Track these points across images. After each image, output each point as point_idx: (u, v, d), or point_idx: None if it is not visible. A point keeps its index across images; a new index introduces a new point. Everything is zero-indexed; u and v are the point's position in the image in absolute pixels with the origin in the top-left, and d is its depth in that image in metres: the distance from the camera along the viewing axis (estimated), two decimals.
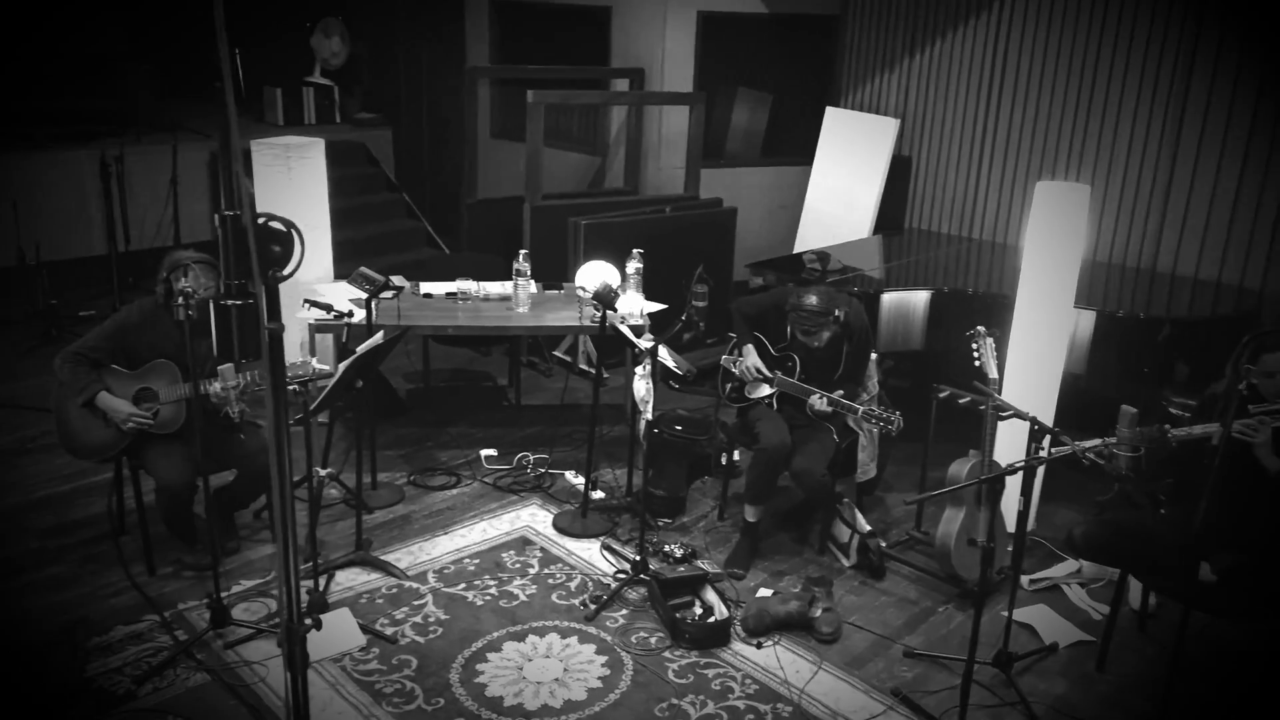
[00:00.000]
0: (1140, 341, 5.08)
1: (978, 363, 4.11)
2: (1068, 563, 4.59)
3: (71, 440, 4.07)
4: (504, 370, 6.61)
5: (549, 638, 3.94)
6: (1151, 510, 3.87)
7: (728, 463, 5.02)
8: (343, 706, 3.48)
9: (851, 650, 3.95)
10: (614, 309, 4.65)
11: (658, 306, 5.47)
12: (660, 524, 4.82)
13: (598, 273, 5.17)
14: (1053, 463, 3.64)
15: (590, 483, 4.89)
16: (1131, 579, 3.98)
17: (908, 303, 5.30)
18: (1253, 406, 3.42)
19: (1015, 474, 3.42)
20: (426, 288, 5.52)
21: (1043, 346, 4.60)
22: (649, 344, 4.37)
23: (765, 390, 4.54)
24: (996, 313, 4.93)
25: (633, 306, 5.23)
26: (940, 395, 4.48)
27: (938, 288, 5.36)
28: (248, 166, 6.58)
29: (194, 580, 4.16)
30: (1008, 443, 4.31)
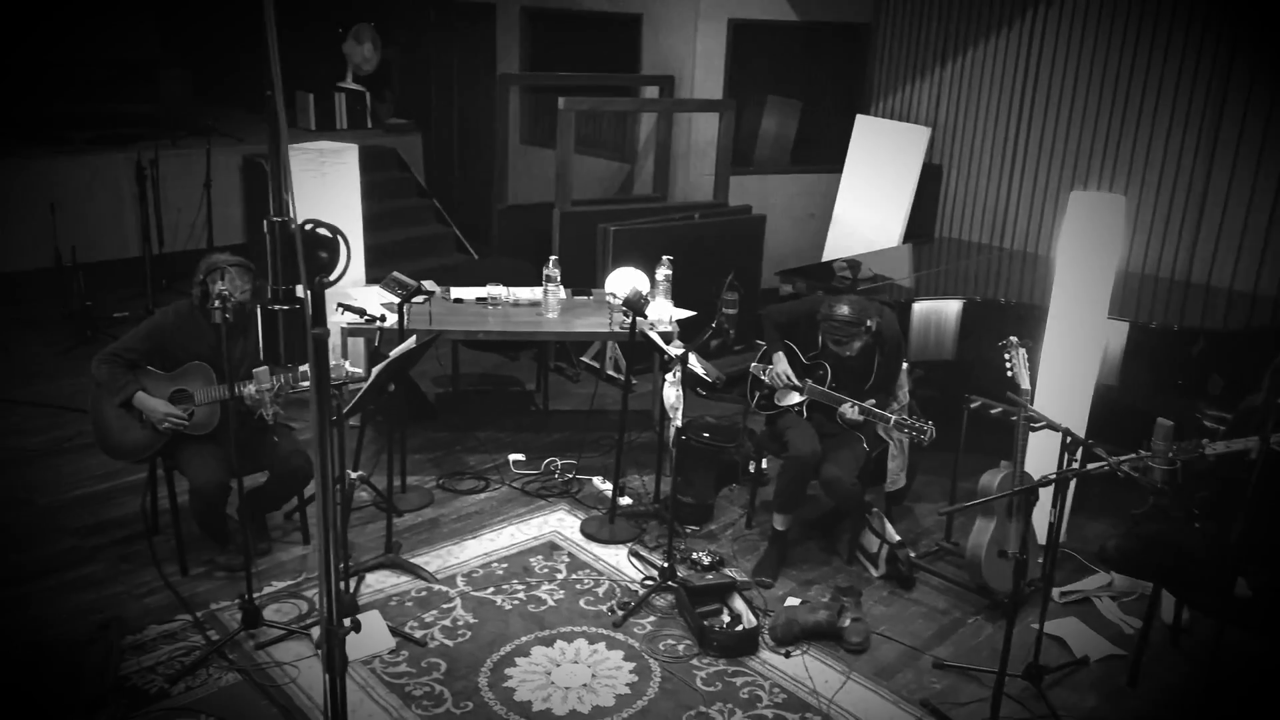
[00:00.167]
0: (1174, 353, 5.03)
1: (1010, 373, 4.09)
2: (1099, 575, 4.55)
3: (108, 441, 4.12)
4: (532, 375, 6.63)
5: (577, 643, 3.94)
6: (1186, 524, 3.83)
7: (756, 470, 5.01)
8: (373, 709, 3.49)
9: (880, 660, 3.94)
10: (644, 315, 4.66)
11: (686, 313, 5.48)
12: (688, 531, 4.82)
13: (628, 279, 5.18)
14: (1085, 475, 3.62)
15: (618, 489, 4.89)
16: (1165, 593, 3.95)
17: (939, 312, 5.28)
18: None
19: (1050, 486, 3.40)
20: (457, 293, 5.55)
21: (1075, 358, 4.57)
22: (679, 351, 4.37)
23: (795, 398, 4.54)
24: (1029, 323, 4.90)
25: (662, 313, 5.23)
26: (972, 405, 4.46)
27: (970, 297, 5.34)
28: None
29: (226, 581, 4.20)
30: (1038, 454, 4.28)
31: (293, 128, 9.24)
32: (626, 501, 5.00)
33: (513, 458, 5.47)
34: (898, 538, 4.48)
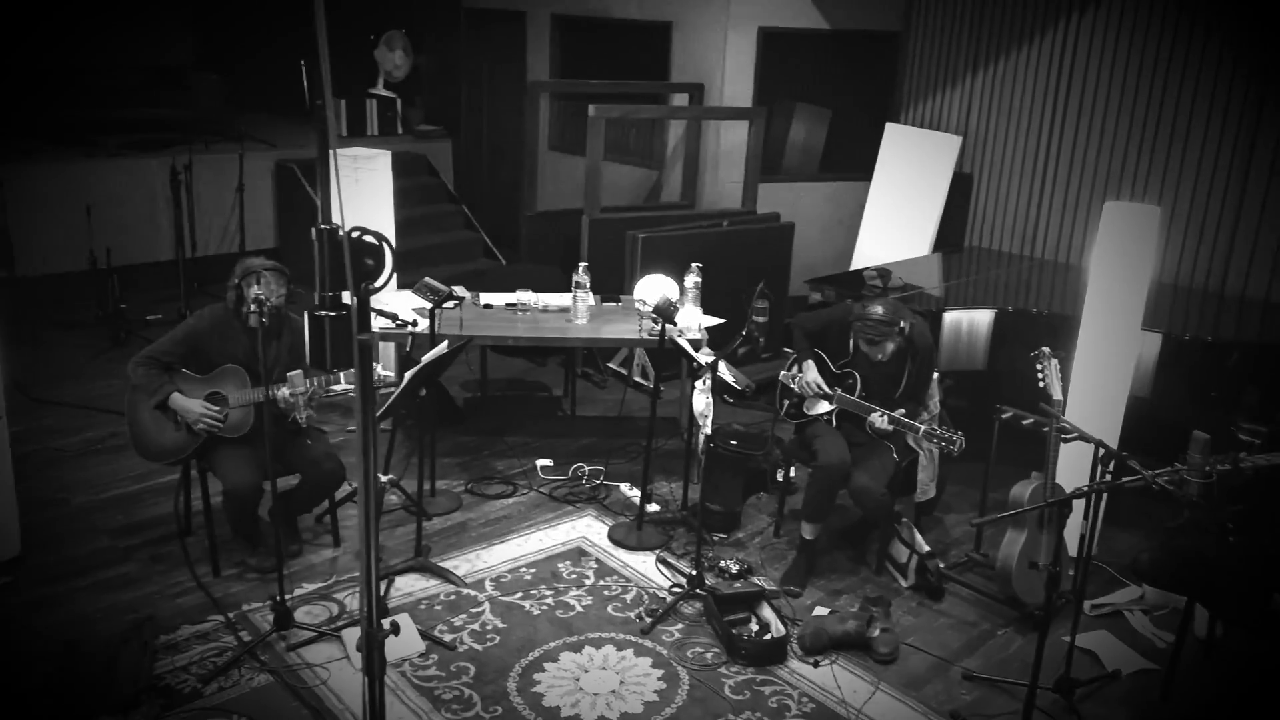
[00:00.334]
0: (1208, 365, 4.98)
1: (1042, 384, 4.07)
2: (1130, 589, 4.52)
3: (144, 442, 4.17)
4: (559, 381, 6.65)
5: (605, 649, 3.95)
6: (1220, 538, 3.79)
7: (784, 479, 5.00)
8: (403, 712, 3.51)
9: (909, 671, 3.92)
10: (673, 323, 4.66)
11: (715, 321, 5.48)
12: (716, 539, 4.82)
13: (657, 286, 5.19)
14: (1121, 488, 3.59)
15: (646, 495, 4.90)
16: (1198, 607, 3.91)
17: (971, 321, 5.25)
18: None
19: (1084, 498, 3.38)
20: (487, 298, 5.58)
21: (1108, 369, 4.54)
22: (709, 358, 4.38)
23: (824, 407, 4.53)
24: (1060, 333, 4.87)
25: (691, 320, 5.24)
26: (1003, 416, 4.44)
27: (1002, 307, 5.31)
28: (317, 175, 6.74)
29: (257, 582, 4.24)
30: (1068, 465, 4.25)
31: None
32: (654, 508, 5.00)
33: (540, 463, 5.49)
34: (927, 548, 4.46)
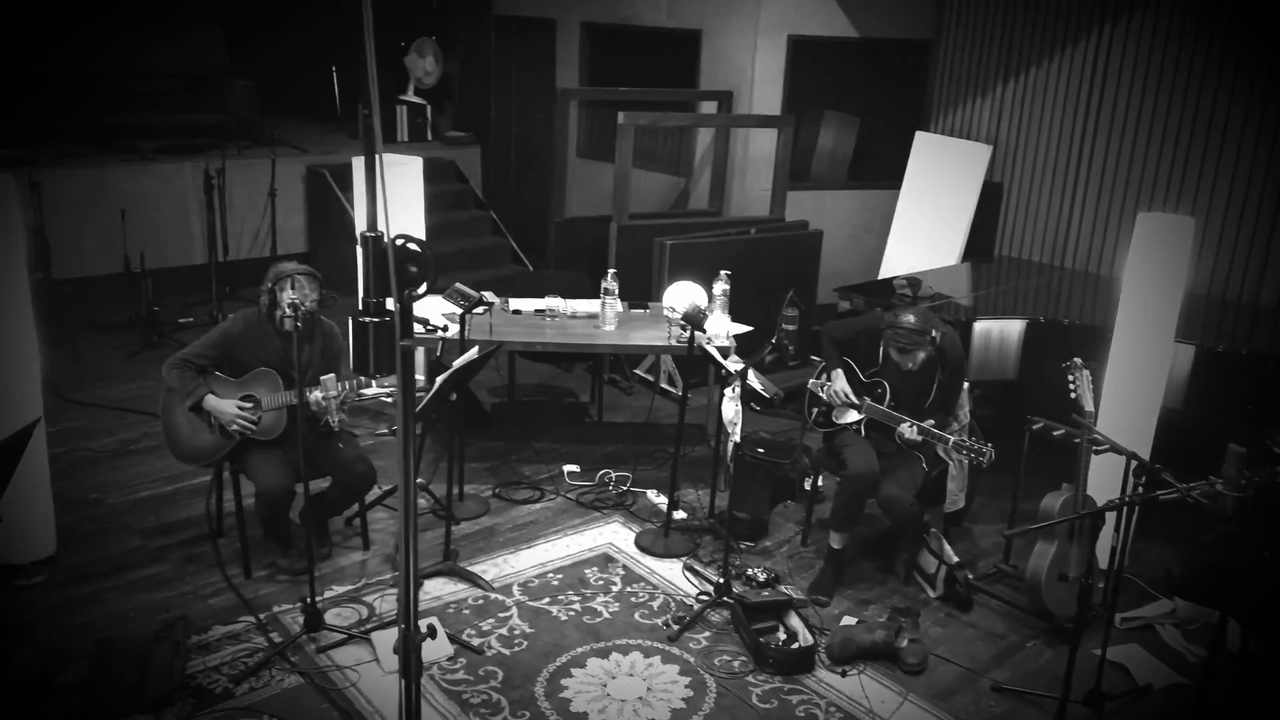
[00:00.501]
0: (1242, 378, 4.93)
1: (1074, 394, 4.04)
2: (1161, 602, 4.48)
3: (178, 445, 4.21)
4: (585, 387, 6.66)
5: (632, 656, 3.95)
6: (1255, 552, 3.75)
7: (812, 488, 4.99)
8: (431, 715, 3.53)
9: (938, 683, 3.90)
10: (702, 330, 4.67)
11: (744, 328, 5.48)
12: (743, 547, 4.82)
13: (686, 293, 5.20)
14: (1155, 500, 3.56)
15: (673, 502, 4.90)
16: (1231, 621, 3.86)
17: (1002, 331, 5.23)
18: None
19: (1117, 510, 3.35)
20: (515, 304, 5.60)
21: (1140, 380, 4.51)
22: (738, 366, 4.38)
23: (853, 416, 4.52)
24: (1092, 344, 4.84)
25: (719, 328, 5.24)
26: (1034, 427, 4.41)
27: (1033, 317, 5.28)
28: (349, 181, 6.80)
29: (288, 584, 4.27)
30: (1099, 476, 4.23)
31: (355, 139, 9.40)
32: (681, 515, 5.00)
33: (567, 469, 5.50)
34: (956, 559, 4.44)
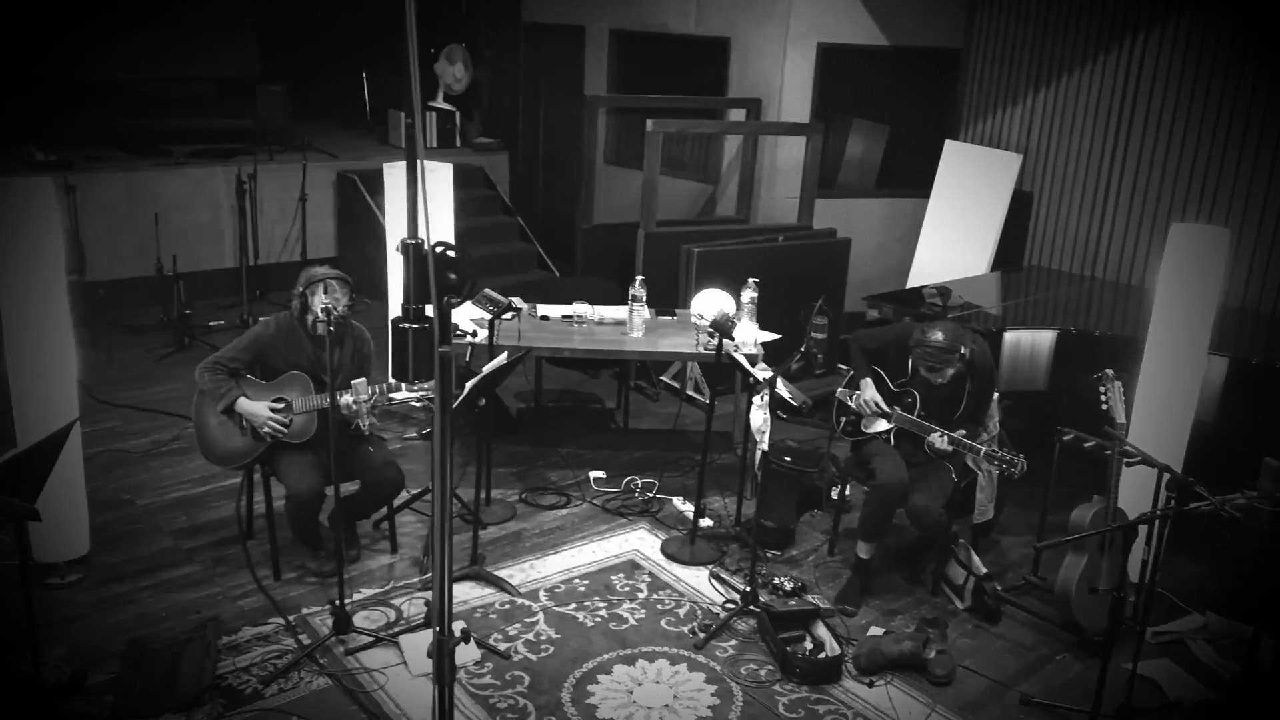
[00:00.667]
0: (1276, 391, 4.88)
1: (1105, 406, 4.02)
2: (1193, 616, 4.43)
3: (211, 448, 4.25)
4: (611, 393, 6.67)
5: (658, 663, 3.95)
6: None
7: (839, 497, 4.97)
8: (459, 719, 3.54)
9: (966, 695, 3.88)
10: (731, 338, 4.67)
11: (771, 336, 5.47)
12: (769, 555, 4.81)
13: (715, 301, 5.20)
14: (1189, 514, 3.53)
15: (699, 510, 4.90)
16: (1265, 636, 3.82)
17: (1032, 342, 5.20)
18: None
19: (1150, 523, 3.33)
20: (543, 310, 5.62)
21: (1173, 392, 4.47)
22: (767, 374, 4.37)
23: (882, 425, 4.50)
24: (1123, 355, 4.80)
25: (747, 336, 5.24)
26: (1065, 438, 4.38)
27: (1064, 328, 5.24)
28: (378, 186, 6.83)
29: (316, 586, 4.30)
30: (1129, 489, 4.19)
31: (384, 145, 9.47)
32: (707, 523, 5.00)
33: (593, 475, 5.51)
34: (985, 570, 4.41)
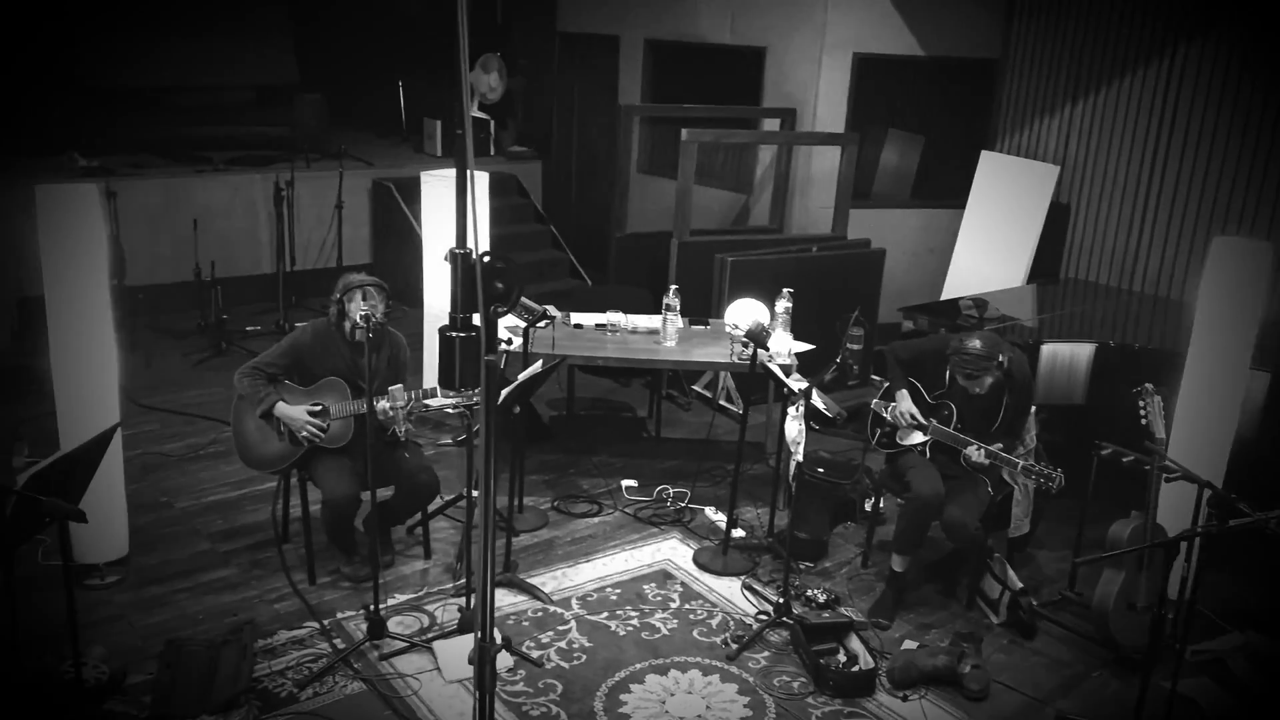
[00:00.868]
0: None
1: (1144, 421, 3.98)
2: (1232, 635, 4.36)
3: (249, 452, 4.29)
4: (643, 401, 6.68)
5: (691, 674, 3.95)
6: None
7: (873, 509, 4.95)
8: None
9: (1001, 710, 3.84)
10: (766, 348, 4.66)
11: (806, 346, 5.46)
12: (802, 567, 4.79)
13: (749, 311, 5.19)
14: (1231, 531, 3.48)
15: (732, 520, 4.88)
16: None
17: (1070, 355, 5.15)
18: None
19: (1191, 540, 3.28)
20: (577, 318, 5.64)
21: (1214, 408, 4.41)
22: (802, 385, 4.36)
23: (918, 438, 4.48)
24: (1163, 370, 4.75)
25: (781, 346, 5.23)
26: (1103, 453, 4.33)
27: (1104, 341, 5.19)
28: (414, 194, 6.89)
29: (351, 591, 4.33)
30: (1169, 505, 4.14)
31: (419, 153, 9.54)
32: (740, 534, 4.99)
33: (625, 483, 5.52)
34: (1020, 585, 4.37)
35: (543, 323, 4.82)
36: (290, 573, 4.40)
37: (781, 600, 4.27)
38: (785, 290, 5.44)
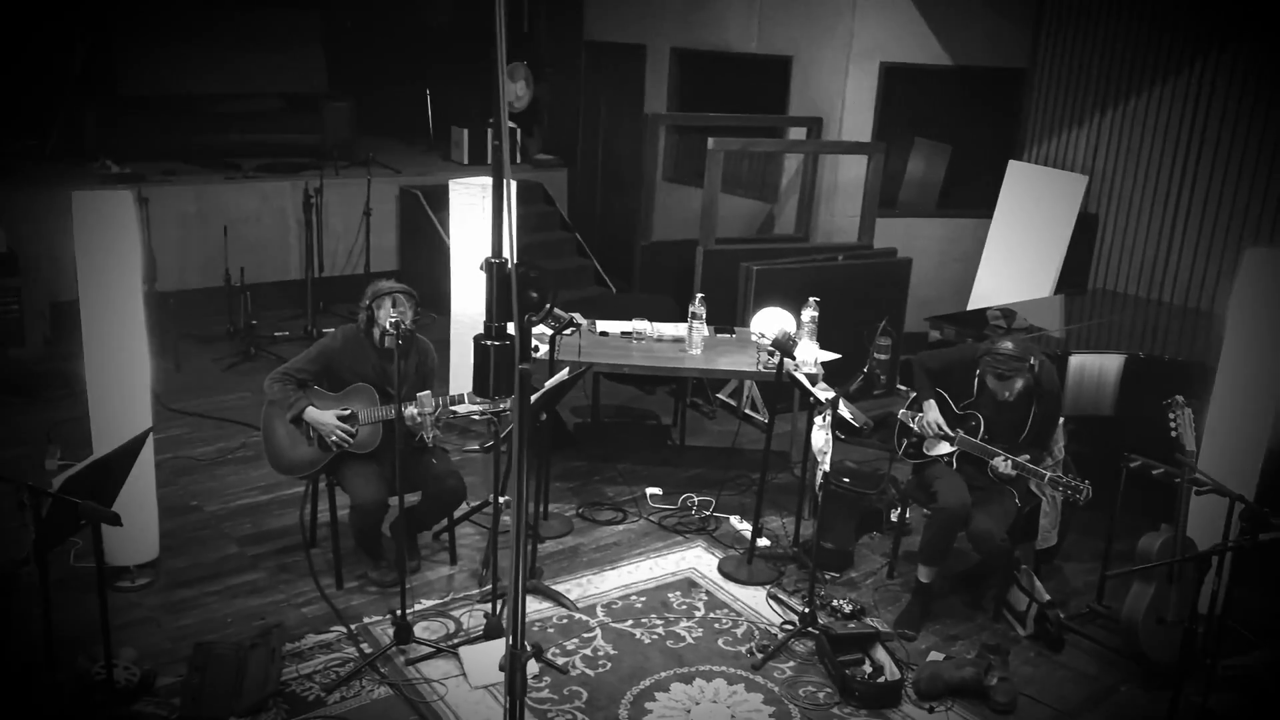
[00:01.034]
0: None
1: (1174, 433, 3.95)
2: (1265, 650, 4.31)
3: (278, 457, 4.33)
4: (667, 409, 6.68)
5: (716, 683, 3.94)
6: None
7: (899, 519, 4.93)
8: None
9: None
10: (792, 357, 4.66)
11: (832, 355, 5.45)
12: (828, 577, 4.77)
13: (776, 320, 5.19)
14: (1262, 545, 3.44)
15: (757, 529, 4.88)
16: None
17: (1099, 366, 5.12)
18: None
19: (1223, 554, 3.26)
20: (603, 326, 5.65)
21: (1245, 420, 4.37)
22: (829, 395, 4.36)
23: (945, 448, 4.46)
24: (1193, 381, 4.71)
25: (808, 355, 5.22)
26: (1132, 465, 4.30)
27: (1133, 352, 5.16)
28: (441, 202, 6.95)
29: (378, 596, 4.35)
30: (1199, 518, 4.10)
31: (446, 161, 9.61)
32: (765, 543, 4.98)
33: (650, 491, 5.52)
34: (1048, 597, 4.34)
35: (569, 330, 4.84)
36: (318, 577, 4.43)
37: (807, 610, 4.26)
38: (811, 299, 5.44)
